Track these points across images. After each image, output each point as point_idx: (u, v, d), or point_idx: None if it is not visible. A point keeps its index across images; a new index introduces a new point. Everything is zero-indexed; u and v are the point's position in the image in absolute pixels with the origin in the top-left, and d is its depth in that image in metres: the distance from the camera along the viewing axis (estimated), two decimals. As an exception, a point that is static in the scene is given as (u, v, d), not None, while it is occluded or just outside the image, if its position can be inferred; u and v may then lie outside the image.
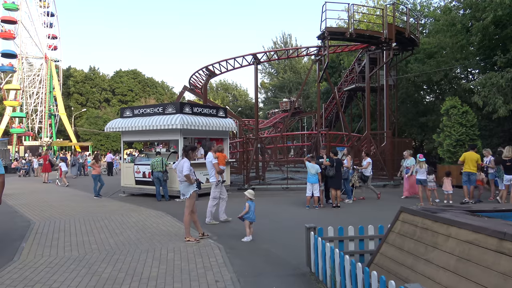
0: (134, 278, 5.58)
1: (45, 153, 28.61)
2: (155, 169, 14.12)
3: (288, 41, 65.56)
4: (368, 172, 14.01)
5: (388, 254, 4.73)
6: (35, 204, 13.30)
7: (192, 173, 7.91)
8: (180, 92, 26.48)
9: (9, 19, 58.69)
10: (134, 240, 7.88)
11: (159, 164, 14.13)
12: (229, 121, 16.33)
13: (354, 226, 5.87)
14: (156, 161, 14.20)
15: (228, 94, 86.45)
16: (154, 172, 14.14)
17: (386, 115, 20.68)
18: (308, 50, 23.00)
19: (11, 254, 6.92)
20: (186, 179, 7.72)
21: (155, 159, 14.32)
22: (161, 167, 14.11)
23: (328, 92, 34.20)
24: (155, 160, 14.29)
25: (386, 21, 17.97)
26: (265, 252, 7.00)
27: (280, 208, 12.06)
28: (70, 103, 74.53)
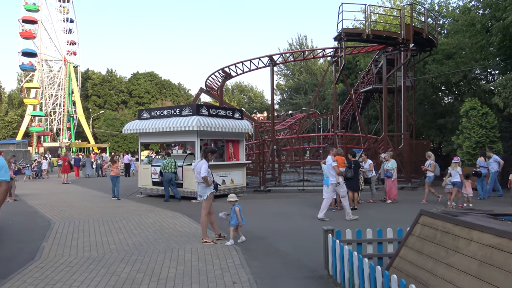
0: (153, 278, 5.63)
1: (65, 154, 29.07)
2: (168, 170, 14.32)
3: (304, 42, 65.33)
4: (370, 173, 13.86)
5: (408, 257, 4.68)
6: (54, 205, 13.53)
7: (210, 175, 7.96)
8: (197, 94, 26.63)
9: (29, 19, 60.24)
10: (151, 240, 7.95)
11: (172, 166, 14.37)
12: (245, 123, 16.37)
13: (372, 229, 5.82)
14: (169, 162, 14.42)
15: (243, 95, 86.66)
16: (166, 173, 14.33)
17: (403, 117, 20.44)
18: (324, 52, 22.90)
19: (33, 253, 7.06)
20: (203, 180, 7.77)
21: (167, 160, 14.55)
22: (174, 168, 14.36)
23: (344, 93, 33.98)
24: (168, 161, 14.50)
25: (403, 21, 17.77)
26: (282, 254, 6.99)
27: (296, 210, 12.02)
28: (88, 105, 75.71)
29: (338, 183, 10.30)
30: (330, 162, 10.26)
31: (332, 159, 10.32)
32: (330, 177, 10.32)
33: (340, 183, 10.37)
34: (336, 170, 10.22)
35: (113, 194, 15.10)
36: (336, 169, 10.24)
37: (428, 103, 25.88)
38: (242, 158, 16.34)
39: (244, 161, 16.45)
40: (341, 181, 10.43)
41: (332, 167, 10.21)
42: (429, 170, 13.37)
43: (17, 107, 79.46)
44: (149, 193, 15.77)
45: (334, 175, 10.23)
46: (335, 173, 10.23)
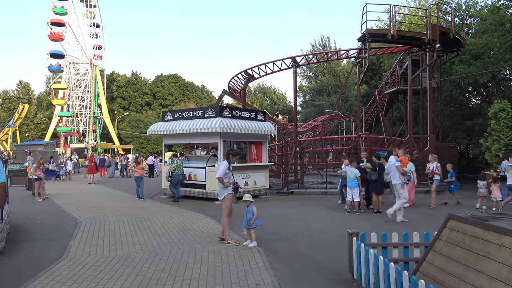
0: (177, 278, 5.68)
1: (91, 155, 29.69)
2: (179, 172, 14.64)
3: (327, 43, 64.92)
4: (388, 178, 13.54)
5: (435, 262, 4.57)
6: (81, 204, 13.82)
7: (229, 176, 8.00)
8: (220, 96, 26.80)
9: (58, 21, 62.17)
10: (175, 241, 8.02)
11: (182, 167, 14.76)
12: (268, 125, 16.36)
13: (397, 233, 5.72)
14: (179, 163, 14.78)
15: (266, 97, 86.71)
16: (176, 174, 14.62)
17: (429, 119, 20.06)
18: (348, 53, 22.70)
19: (61, 252, 7.22)
20: (218, 181, 7.87)
21: (177, 162, 14.88)
22: (182, 170, 14.78)
23: (368, 95, 33.59)
24: (178, 162, 14.85)
25: (429, 21, 17.46)
26: (305, 257, 6.94)
27: (320, 213, 11.94)
28: (113, 107, 77.19)
29: (404, 183, 10.25)
30: (394, 162, 10.24)
31: (395, 159, 10.32)
32: (393, 177, 10.30)
33: (404, 184, 10.33)
34: (400, 170, 10.17)
35: (137, 195, 15.33)
36: (400, 169, 10.20)
37: (455, 105, 25.34)
38: (264, 160, 16.33)
39: (266, 163, 16.44)
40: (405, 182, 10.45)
41: (396, 167, 10.18)
42: (436, 173, 12.98)
43: (45, 109, 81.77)
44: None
45: (398, 175, 10.17)
46: (399, 174, 10.16)
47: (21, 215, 11.29)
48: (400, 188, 10.19)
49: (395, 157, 10.44)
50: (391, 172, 10.44)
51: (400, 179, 10.15)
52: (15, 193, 16.46)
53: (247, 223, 7.53)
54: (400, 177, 10.16)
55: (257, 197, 14.49)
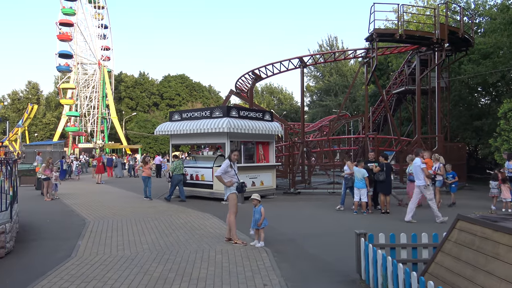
0: (184, 278, 5.69)
1: (99, 155, 29.87)
2: (178, 172, 14.79)
3: (334, 43, 64.74)
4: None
5: (444, 263, 4.53)
6: (89, 204, 13.91)
7: (231, 175, 7.98)
8: (227, 96, 26.83)
9: (66, 22, 62.82)
10: (183, 241, 8.04)
11: (181, 168, 14.89)
12: (275, 125, 16.33)
13: (406, 233, 5.68)
14: (178, 164, 14.95)
15: (273, 97, 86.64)
16: (176, 175, 14.77)
17: (437, 119, 19.92)
18: (355, 53, 22.62)
19: (69, 251, 7.27)
20: (218, 180, 7.96)
21: (177, 163, 15.08)
22: (182, 170, 14.91)
23: (375, 95, 33.44)
24: (177, 163, 15.03)
25: (438, 21, 17.34)
26: (312, 257, 6.92)
27: (327, 213, 11.90)
28: (121, 107, 77.58)
29: (428, 185, 10.24)
30: (419, 164, 10.23)
31: (421, 161, 10.33)
32: (417, 179, 10.30)
33: (428, 186, 10.32)
34: (425, 172, 10.18)
35: (145, 195, 15.39)
36: (425, 171, 10.21)
37: (464, 105, 25.14)
38: (272, 160, 16.31)
39: (274, 163, 16.42)
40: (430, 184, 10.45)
41: (421, 169, 10.19)
42: (438, 173, 12.56)
43: (54, 109, 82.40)
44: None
45: (423, 177, 10.17)
46: (424, 175, 10.17)
47: (30, 214, 11.39)
48: (424, 189, 10.22)
49: (421, 159, 10.43)
50: (415, 173, 10.41)
51: (425, 180, 10.16)
52: (24, 193, 16.60)
53: (256, 223, 7.51)
54: (424, 178, 10.17)
55: (264, 197, 14.47)
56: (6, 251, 7.08)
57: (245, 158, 15.55)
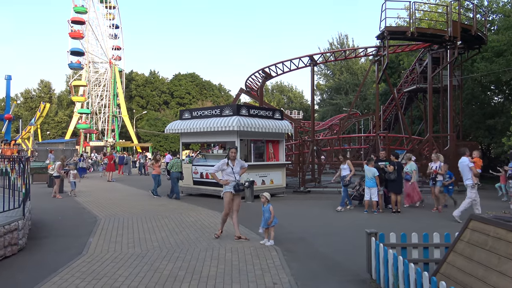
0: (194, 276, 5.70)
1: (110, 153, 30.11)
2: (175, 170, 14.94)
3: (345, 41, 64.40)
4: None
5: (456, 263, 4.48)
6: (100, 202, 14.03)
7: (228, 172, 7.93)
8: (237, 95, 26.85)
9: (78, 20, 63.63)
10: (193, 239, 8.06)
11: (179, 165, 15.05)
12: (285, 123, 16.30)
13: (417, 233, 5.62)
14: (176, 162, 15.14)
15: (283, 96, 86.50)
16: (173, 172, 14.90)
17: (449, 117, 19.68)
18: (366, 51, 22.46)
19: (80, 248, 7.33)
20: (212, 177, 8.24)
21: (174, 160, 15.30)
22: (180, 168, 15.05)
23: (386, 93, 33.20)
24: (175, 161, 15.24)
25: (450, 18, 17.12)
26: (322, 256, 6.89)
27: (337, 212, 11.85)
28: (131, 105, 78.07)
29: (476, 184, 10.17)
30: (467, 163, 10.16)
31: (469, 160, 10.27)
32: (465, 178, 10.20)
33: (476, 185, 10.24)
34: (473, 171, 10.10)
35: (155, 193, 15.47)
36: (474, 170, 10.14)
37: (476, 103, 24.82)
38: (282, 158, 16.29)
39: (284, 161, 16.40)
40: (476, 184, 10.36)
41: (469, 168, 10.11)
42: (439, 173, 12.02)
43: (66, 107, 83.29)
44: (190, 192, 16.02)
45: (471, 176, 10.10)
46: (472, 174, 10.10)
47: (42, 211, 11.51)
48: (471, 188, 10.15)
49: (469, 158, 10.36)
50: (462, 172, 10.30)
51: (472, 180, 10.08)
52: (36, 190, 16.79)
53: (266, 222, 7.49)
54: (472, 178, 10.09)
55: (274, 195, 14.46)
56: (18, 247, 7.17)
57: (255, 156, 15.56)
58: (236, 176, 7.92)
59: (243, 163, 8.46)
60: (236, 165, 8.04)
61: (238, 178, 7.95)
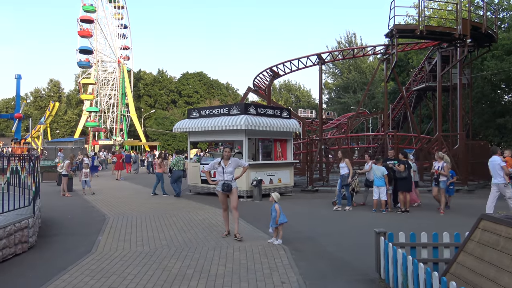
0: (202, 275, 5.71)
1: (119, 152, 30.29)
2: (178, 168, 15.06)
3: (353, 40, 64.18)
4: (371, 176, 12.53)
5: (466, 264, 4.43)
6: (109, 200, 14.11)
7: (219, 172, 7.99)
8: (244, 93, 26.85)
9: (87, 18, 64.27)
10: (201, 238, 8.08)
11: (181, 163, 15.18)
12: (293, 122, 16.27)
13: (426, 233, 5.57)
14: (179, 160, 15.27)
15: (291, 95, 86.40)
16: (175, 170, 15.02)
17: (459, 116, 19.51)
18: (375, 49, 22.34)
19: (89, 246, 7.38)
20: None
21: (177, 158, 15.45)
22: (182, 166, 15.17)
23: (395, 92, 33.01)
24: (177, 159, 15.38)
25: (460, 16, 16.96)
26: (330, 256, 6.87)
27: (345, 211, 11.79)
28: (140, 104, 78.46)
29: (508, 183, 10.10)
30: (499, 162, 10.09)
31: (501, 159, 10.21)
32: (495, 177, 10.11)
33: (508, 184, 10.17)
34: (505, 170, 10.04)
35: (163, 191, 15.53)
36: (506, 169, 10.07)
37: (486, 102, 24.62)
38: (289, 157, 16.26)
39: (291, 160, 16.36)
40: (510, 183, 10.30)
41: (500, 167, 10.06)
42: (442, 173, 11.42)
43: (75, 107, 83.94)
44: (198, 190, 16.05)
45: (502, 175, 10.03)
46: (504, 173, 10.03)
47: (52, 210, 11.61)
48: (504, 188, 10.09)
49: (501, 157, 10.28)
50: (492, 171, 10.20)
51: (504, 179, 10.01)
52: (46, 189, 16.93)
53: (273, 222, 7.49)
54: (504, 177, 10.02)
55: (282, 194, 14.33)
56: (29, 245, 7.24)
57: (263, 155, 15.55)
58: (225, 175, 7.91)
59: (241, 162, 8.48)
60: (229, 165, 7.97)
61: (227, 177, 7.91)
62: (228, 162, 8.01)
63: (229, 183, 7.90)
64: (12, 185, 8.65)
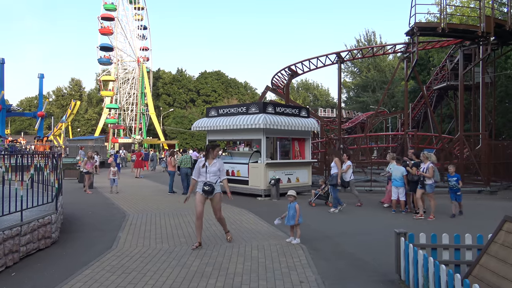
0: (221, 272, 5.74)
1: (138, 150, 30.67)
2: (184, 166, 15.27)
3: (372, 38, 63.49)
4: (348, 177, 12.40)
5: (490, 266, 4.35)
6: (129, 197, 14.30)
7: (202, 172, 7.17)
8: (263, 92, 26.85)
9: (107, 16, 65.48)
10: (219, 236, 8.12)
11: (188, 161, 15.40)
12: (311, 121, 16.20)
13: (448, 234, 5.48)
14: (185, 158, 15.56)
15: (309, 94, 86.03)
16: (183, 168, 15.25)
17: (481, 116, 19.12)
18: (395, 47, 22.06)
19: (110, 243, 7.49)
20: None
21: (184, 156, 15.74)
22: (189, 164, 15.33)
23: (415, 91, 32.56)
24: (184, 157, 15.65)
25: (483, 13, 16.60)
26: (349, 256, 6.82)
27: (364, 211, 11.69)
28: (158, 103, 79.29)
29: None
30: None
31: None
32: None
33: None
34: None
35: (170, 189, 15.70)
36: None
37: (510, 101, 24.05)
38: (308, 156, 16.20)
39: (309, 159, 16.30)
40: None
41: None
42: (426, 175, 10.43)
43: (95, 105, 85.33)
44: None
45: None
46: None
47: (73, 206, 11.82)
48: None
49: None
50: None
51: None
52: (67, 186, 17.26)
53: (289, 219, 7.46)
54: None
55: (300, 194, 14.38)
56: (51, 241, 7.40)
57: (281, 154, 15.53)
58: (208, 175, 7.07)
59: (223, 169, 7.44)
60: (213, 164, 7.16)
61: (210, 178, 7.07)
62: (213, 161, 7.21)
63: (211, 183, 7.03)
64: (36, 181, 8.83)
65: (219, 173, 7.20)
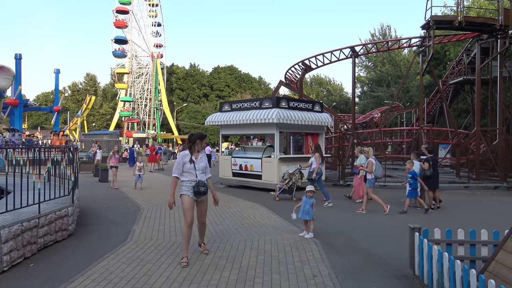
0: (234, 265, 5.78)
1: (152, 144, 30.93)
2: None
3: (387, 32, 62.70)
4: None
5: (506, 262, 4.30)
6: (143, 191, 14.45)
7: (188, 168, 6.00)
8: (276, 87, 26.80)
9: (122, 9, 66.12)
10: (232, 229, 8.17)
11: None
12: (325, 116, 16.13)
13: (464, 229, 5.43)
14: None
15: (322, 88, 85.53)
16: None
17: (499, 110, 18.79)
18: (410, 41, 21.76)
19: (125, 236, 7.60)
20: None
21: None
22: None
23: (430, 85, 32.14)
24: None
25: (501, 6, 16.29)
26: (362, 250, 6.80)
27: (377, 206, 11.60)
28: (172, 98, 79.75)
29: None
30: None
31: None
32: None
33: None
34: None
35: None
36: None
37: (528, 96, 23.54)
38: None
39: (323, 154, 16.22)
40: None
41: None
42: (366, 170, 10.34)
43: (110, 100, 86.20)
44: (229, 183, 16.20)
45: None
46: None
47: (89, 200, 12.00)
48: None
49: None
50: None
51: None
52: (83, 179, 17.50)
53: (304, 213, 7.46)
54: None
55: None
56: (68, 233, 7.53)
57: (294, 149, 15.51)
58: (198, 173, 6.00)
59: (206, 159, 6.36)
60: (200, 159, 6.10)
61: (200, 177, 6.03)
62: (199, 155, 6.14)
63: (205, 183, 6.03)
64: (52, 175, 8.99)
65: (206, 170, 6.15)
